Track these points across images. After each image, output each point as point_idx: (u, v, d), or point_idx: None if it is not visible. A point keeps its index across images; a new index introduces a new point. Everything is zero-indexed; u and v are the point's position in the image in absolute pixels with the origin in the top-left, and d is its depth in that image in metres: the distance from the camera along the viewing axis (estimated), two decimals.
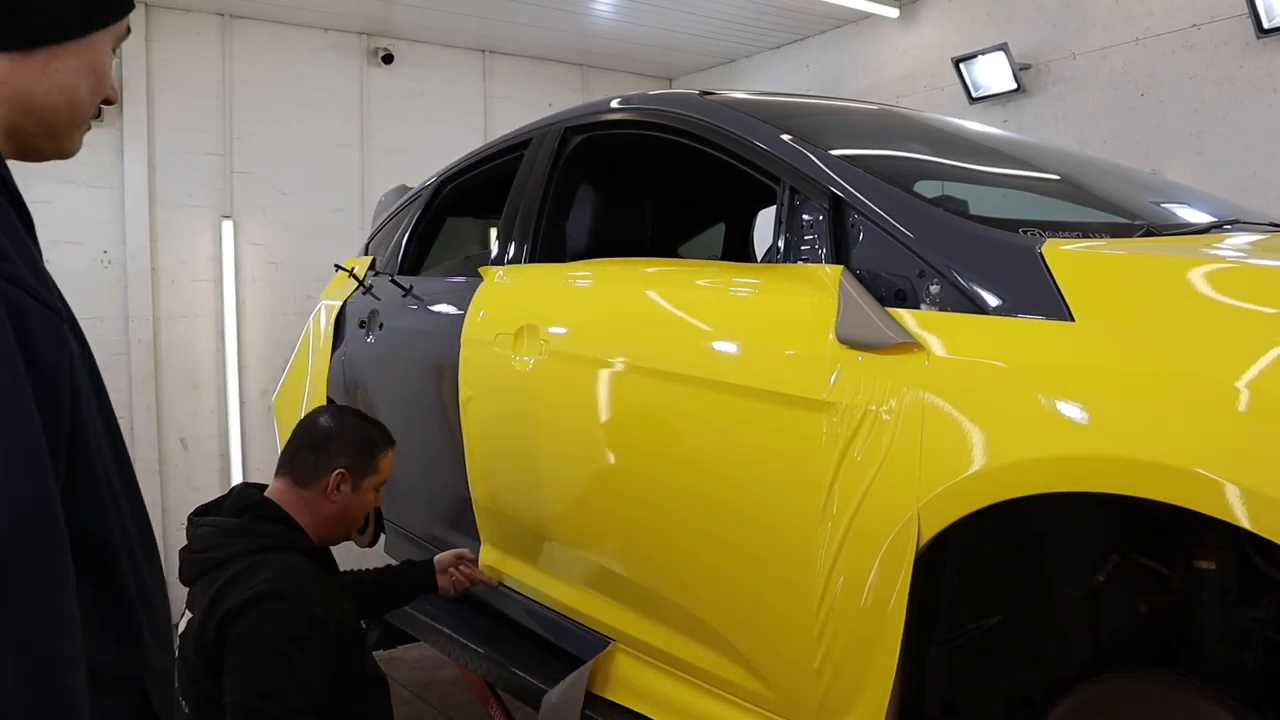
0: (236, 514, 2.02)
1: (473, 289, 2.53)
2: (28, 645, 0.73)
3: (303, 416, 2.31)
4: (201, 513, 2.08)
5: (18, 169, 0.89)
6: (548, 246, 2.44)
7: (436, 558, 2.49)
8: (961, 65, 4.61)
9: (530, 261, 2.44)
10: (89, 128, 0.99)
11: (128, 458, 0.95)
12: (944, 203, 1.66)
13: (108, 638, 0.85)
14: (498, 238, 2.64)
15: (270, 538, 1.97)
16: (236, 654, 1.82)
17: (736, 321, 1.80)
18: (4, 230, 0.81)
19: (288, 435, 3.77)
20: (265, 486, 2.13)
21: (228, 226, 5.11)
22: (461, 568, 2.46)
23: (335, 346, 3.36)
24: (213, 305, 5.12)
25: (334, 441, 2.11)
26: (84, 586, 0.80)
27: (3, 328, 0.75)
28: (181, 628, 1.93)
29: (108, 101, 1.00)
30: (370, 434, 2.18)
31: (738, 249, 3.55)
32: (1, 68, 0.88)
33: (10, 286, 0.78)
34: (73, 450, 0.82)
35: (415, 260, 3.26)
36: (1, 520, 0.73)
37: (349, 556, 2.46)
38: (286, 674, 1.80)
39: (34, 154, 0.96)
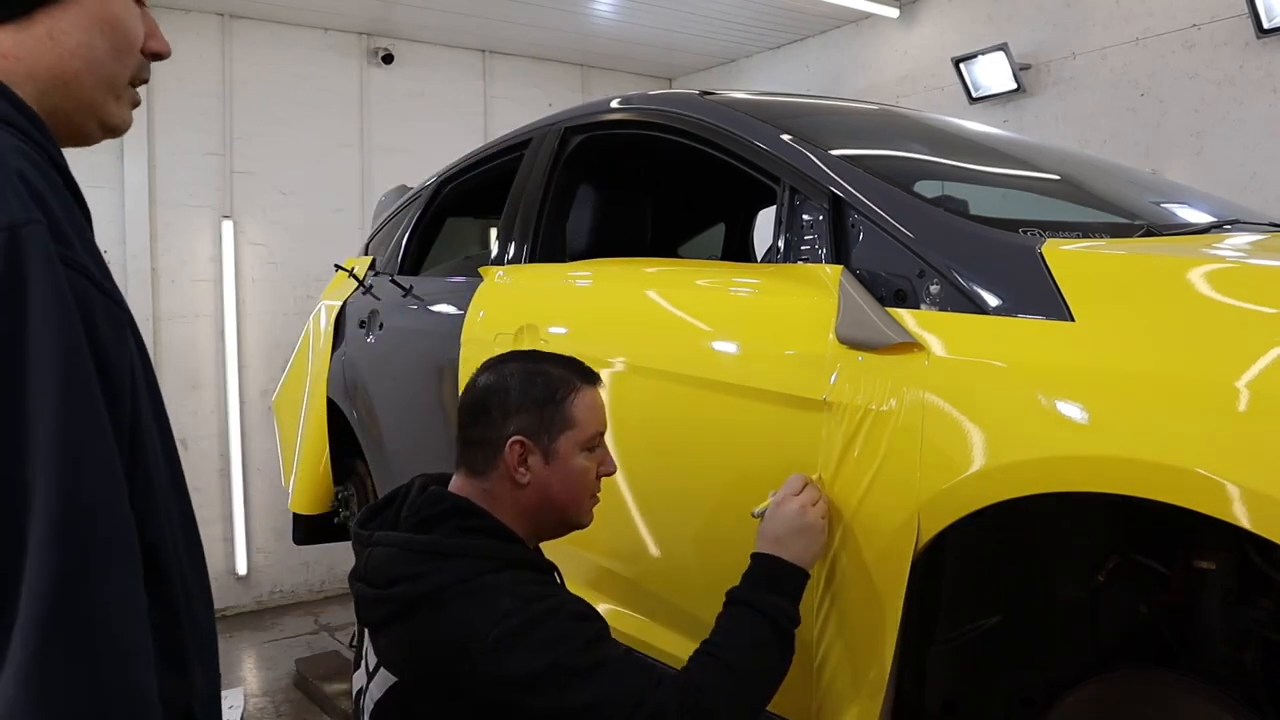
0: (426, 526, 1.45)
1: (473, 289, 2.53)
2: (96, 632, 0.68)
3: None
4: (372, 515, 1.55)
5: None
6: (548, 246, 2.43)
7: None
8: (961, 65, 4.61)
9: (530, 261, 2.44)
10: (134, 94, 0.92)
11: (179, 466, 0.90)
12: (944, 203, 1.66)
13: (158, 661, 0.78)
14: (498, 238, 2.64)
15: (481, 558, 1.40)
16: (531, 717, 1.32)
17: (736, 321, 1.80)
18: (68, 218, 0.76)
19: (287, 435, 3.80)
20: (447, 477, 1.57)
21: (228, 226, 5.11)
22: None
23: (335, 346, 3.36)
24: (213, 305, 5.12)
25: (494, 402, 1.51)
26: None
27: (73, 316, 0.71)
28: (359, 683, 1.48)
29: (155, 56, 0.93)
30: (548, 375, 1.53)
31: (738, 249, 3.55)
32: (6, 43, 0.83)
33: (77, 277, 0.74)
34: (132, 454, 0.78)
35: (415, 260, 3.26)
36: (68, 489, 0.68)
37: (348, 556, 2.44)
38: (607, 678, 1.33)
39: (82, 135, 0.90)
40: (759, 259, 3.09)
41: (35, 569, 0.66)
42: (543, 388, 1.51)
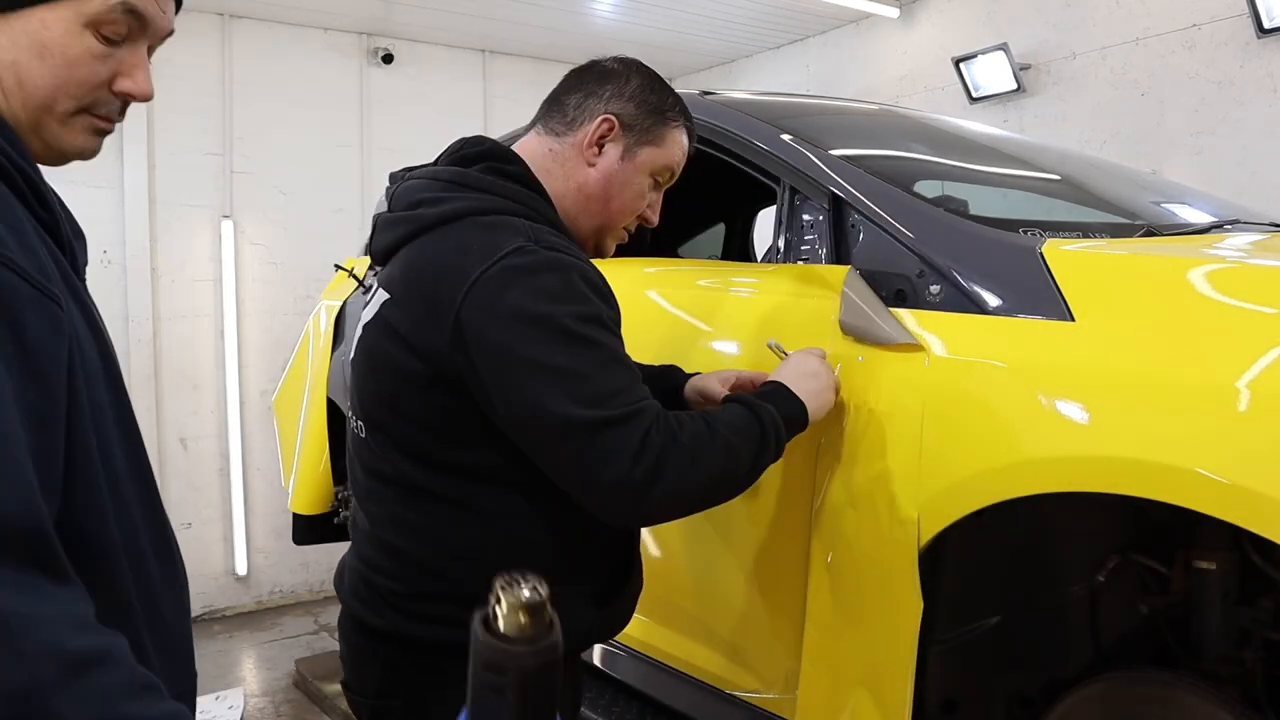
0: (462, 163, 1.41)
1: None
2: (38, 649, 0.66)
3: None
4: (413, 168, 1.49)
5: None
6: None
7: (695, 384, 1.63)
8: (961, 65, 4.61)
9: None
10: (90, 122, 0.90)
11: (144, 456, 0.90)
12: (944, 203, 1.67)
13: None
14: None
15: (508, 198, 1.34)
16: (499, 350, 1.20)
17: (736, 321, 1.80)
18: (2, 215, 0.78)
19: (287, 435, 3.79)
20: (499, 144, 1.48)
21: (228, 226, 5.11)
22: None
23: (335, 346, 3.36)
24: (213, 305, 5.12)
25: (612, 82, 1.44)
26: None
27: None
28: (368, 315, 1.38)
29: (126, 95, 0.91)
30: (669, 94, 1.47)
31: (738, 249, 3.55)
32: None
33: (2, 270, 0.75)
34: (69, 445, 0.78)
35: None
36: None
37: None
38: (593, 357, 1.21)
39: (36, 152, 0.89)
40: (759, 259, 3.09)
41: None
42: (659, 99, 1.44)
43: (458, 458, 1.28)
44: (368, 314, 1.38)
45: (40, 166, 0.88)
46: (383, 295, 1.34)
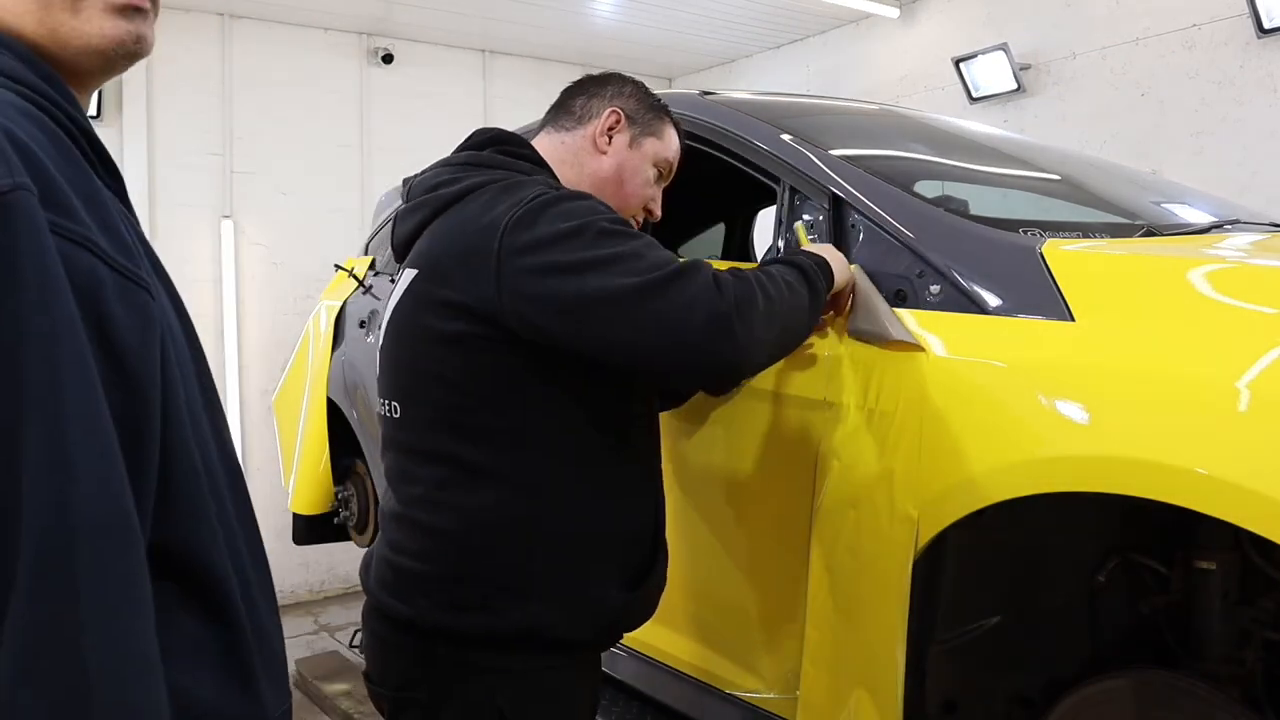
0: (476, 149, 1.50)
1: None
2: (98, 659, 0.59)
3: None
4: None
5: None
6: None
7: None
8: (961, 65, 4.61)
9: None
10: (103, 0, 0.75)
11: (234, 453, 0.80)
12: (944, 203, 1.66)
13: (211, 674, 0.69)
14: None
15: (526, 174, 1.41)
16: (549, 269, 1.22)
17: None
18: (74, 185, 0.65)
19: (287, 435, 3.79)
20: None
21: (228, 226, 5.11)
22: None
23: (335, 346, 3.36)
24: (213, 305, 5.12)
25: (611, 84, 1.56)
26: (183, 615, 0.67)
27: (60, 292, 0.60)
28: (396, 297, 1.41)
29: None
30: (654, 96, 1.60)
31: (738, 249, 3.55)
32: None
33: (78, 250, 0.63)
34: (165, 450, 0.68)
35: None
36: (57, 509, 0.59)
37: (348, 556, 2.44)
38: (637, 243, 1.26)
39: (67, 71, 0.75)
40: (759, 259, 3.09)
41: (19, 590, 0.58)
42: (653, 100, 1.58)
43: (489, 421, 1.29)
44: (395, 296, 1.40)
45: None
46: (410, 274, 1.37)
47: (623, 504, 1.37)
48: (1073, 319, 1.28)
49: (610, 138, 1.50)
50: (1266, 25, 3.66)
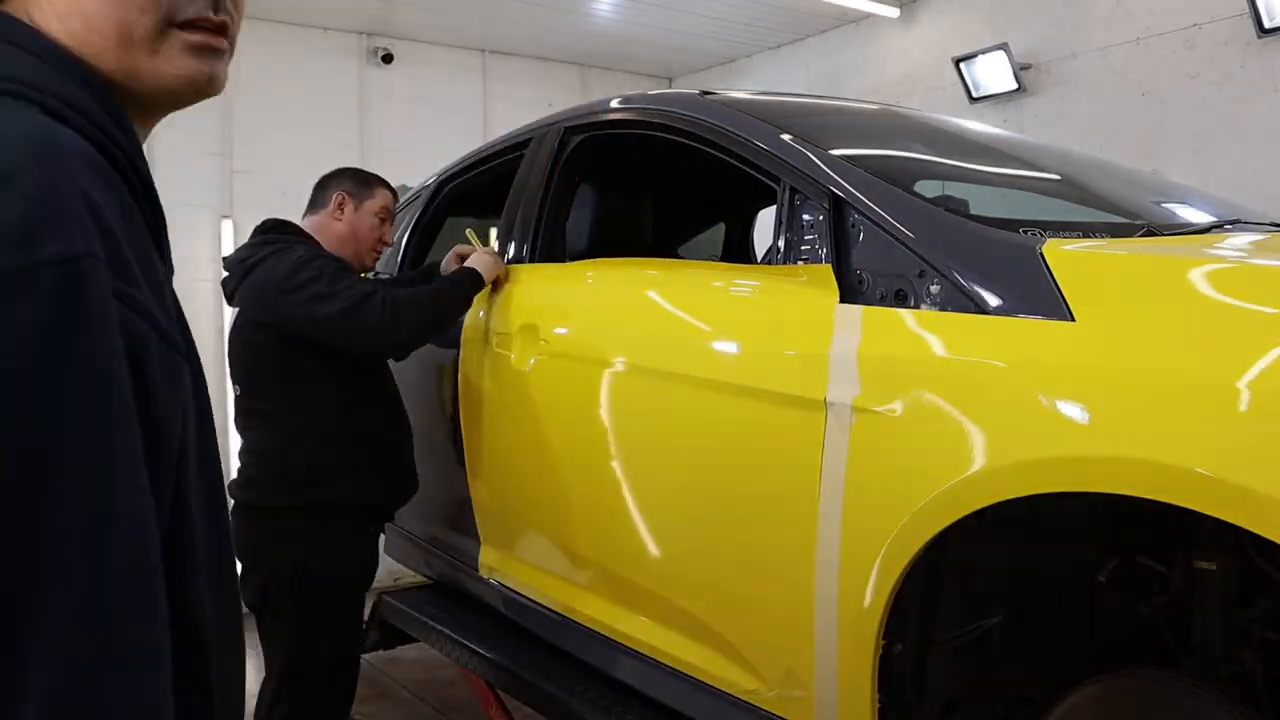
0: (263, 231, 2.42)
1: None
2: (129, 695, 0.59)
3: None
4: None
5: None
6: (548, 246, 2.44)
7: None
8: (962, 65, 4.61)
9: (530, 261, 2.44)
10: (184, 38, 0.75)
11: (226, 516, 0.80)
12: (944, 203, 1.66)
13: None
14: (498, 238, 2.64)
15: (295, 241, 2.34)
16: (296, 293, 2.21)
17: (737, 321, 1.80)
18: (132, 246, 0.64)
19: None
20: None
21: (228, 226, 5.11)
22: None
23: None
24: (213, 305, 5.12)
25: (334, 176, 2.52)
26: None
27: (118, 361, 0.60)
28: (230, 324, 2.46)
29: None
30: (367, 172, 2.57)
31: (738, 249, 3.55)
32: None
33: (134, 317, 0.62)
34: (174, 515, 0.67)
35: (415, 260, 3.26)
36: (101, 580, 0.58)
37: None
38: (354, 283, 2.26)
39: (141, 108, 0.76)
40: (759, 259, 3.09)
41: (46, 670, 0.56)
42: (363, 174, 2.54)
43: (276, 387, 2.33)
44: (228, 328, 2.42)
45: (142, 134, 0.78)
46: (234, 312, 2.40)
47: (364, 417, 2.35)
48: (1073, 319, 1.28)
49: (341, 210, 2.45)
50: (1267, 25, 3.66)
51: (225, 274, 2.39)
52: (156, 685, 0.62)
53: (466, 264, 2.41)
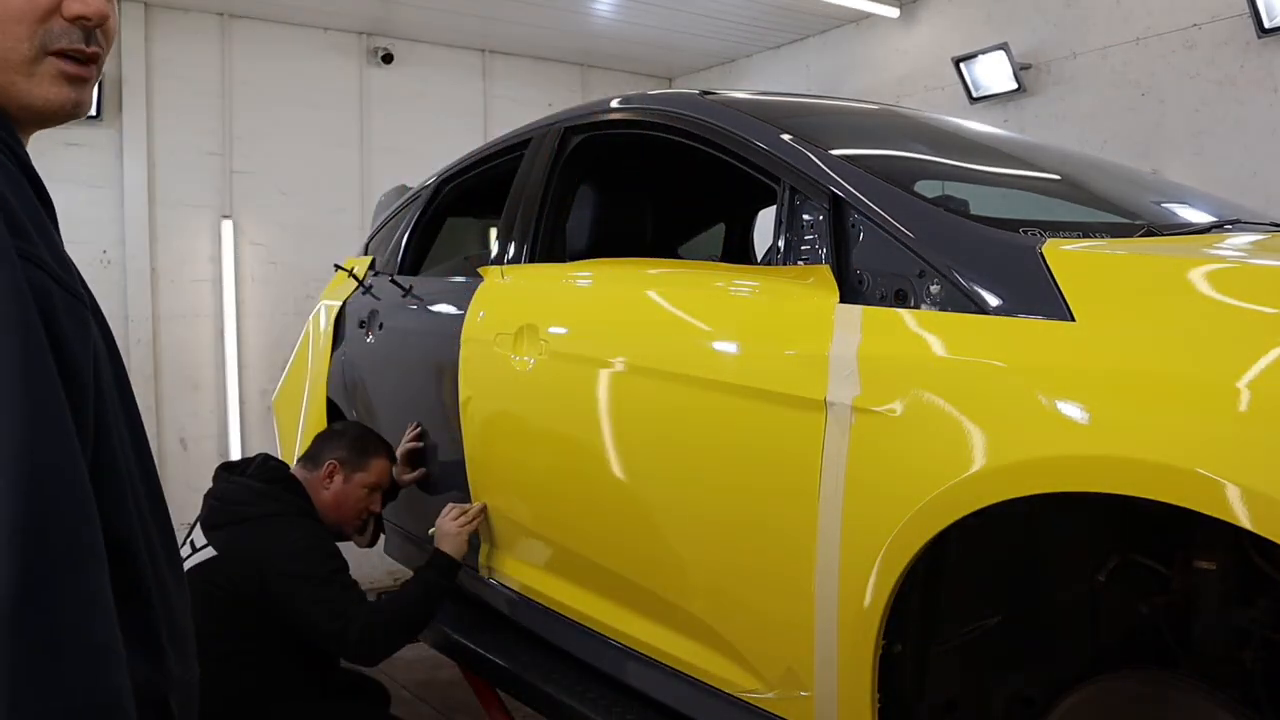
0: (266, 481, 2.39)
1: (473, 289, 2.53)
2: (62, 634, 0.67)
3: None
4: (229, 469, 2.51)
5: None
6: (548, 246, 2.43)
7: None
8: (962, 65, 4.61)
9: (530, 261, 2.44)
10: (60, 65, 0.83)
11: (150, 457, 0.89)
12: (944, 203, 1.66)
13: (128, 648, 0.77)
14: (498, 238, 2.64)
15: (293, 507, 2.36)
16: (293, 594, 2.21)
17: (736, 321, 1.80)
18: (25, 208, 0.74)
19: (287, 435, 3.79)
20: (276, 459, 2.52)
21: (228, 226, 5.11)
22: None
23: (335, 346, 3.36)
24: (213, 305, 5.12)
25: (335, 438, 2.56)
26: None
27: (25, 300, 0.69)
28: (188, 565, 2.14)
29: (78, 19, 0.82)
30: (367, 438, 2.59)
31: (738, 249, 3.55)
32: None
33: (33, 269, 0.71)
34: (96, 448, 0.76)
35: (415, 260, 3.26)
36: (26, 490, 0.67)
37: (348, 555, 2.46)
38: (340, 592, 2.25)
39: (16, 122, 0.82)
40: (759, 259, 3.09)
41: None
42: (362, 442, 2.57)
43: (240, 645, 2.21)
44: (195, 560, 2.24)
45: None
46: (210, 552, 2.26)
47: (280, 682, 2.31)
48: (1073, 319, 1.28)
49: (330, 479, 2.50)
50: (1267, 25, 3.66)
51: (208, 506, 2.37)
52: (99, 577, 0.71)
53: (435, 544, 2.40)
